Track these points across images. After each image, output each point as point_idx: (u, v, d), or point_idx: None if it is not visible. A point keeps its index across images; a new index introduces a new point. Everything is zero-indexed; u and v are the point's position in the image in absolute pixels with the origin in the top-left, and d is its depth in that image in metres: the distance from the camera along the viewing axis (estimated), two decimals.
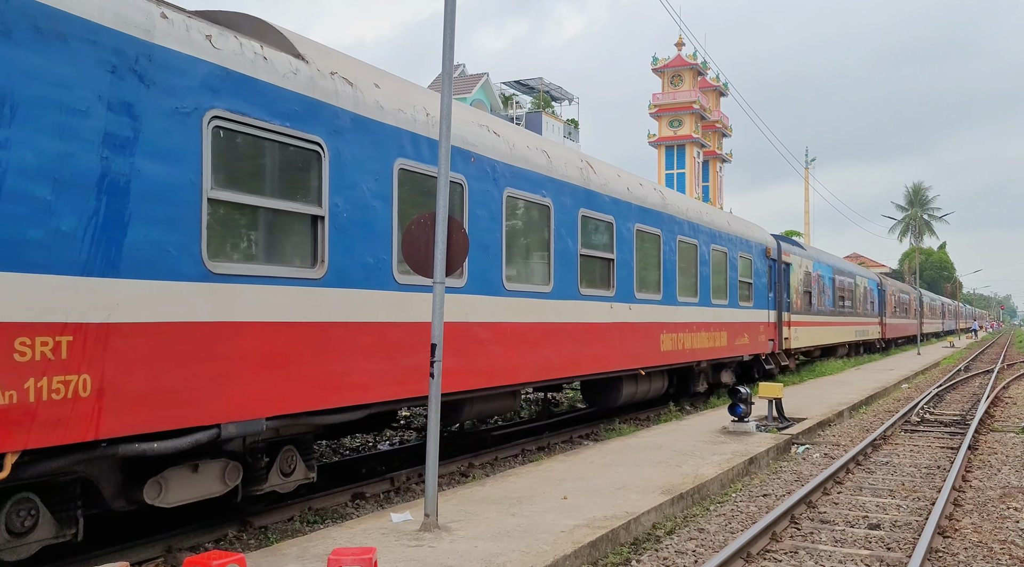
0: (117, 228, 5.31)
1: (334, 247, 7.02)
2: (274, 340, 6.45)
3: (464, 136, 8.94)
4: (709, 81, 71.30)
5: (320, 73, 7.09)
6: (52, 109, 4.95)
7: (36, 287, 4.84)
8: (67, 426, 4.98)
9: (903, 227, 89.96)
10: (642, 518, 7.20)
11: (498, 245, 9.39)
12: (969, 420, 14.58)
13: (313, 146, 6.87)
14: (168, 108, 5.68)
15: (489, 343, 9.25)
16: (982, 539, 7.10)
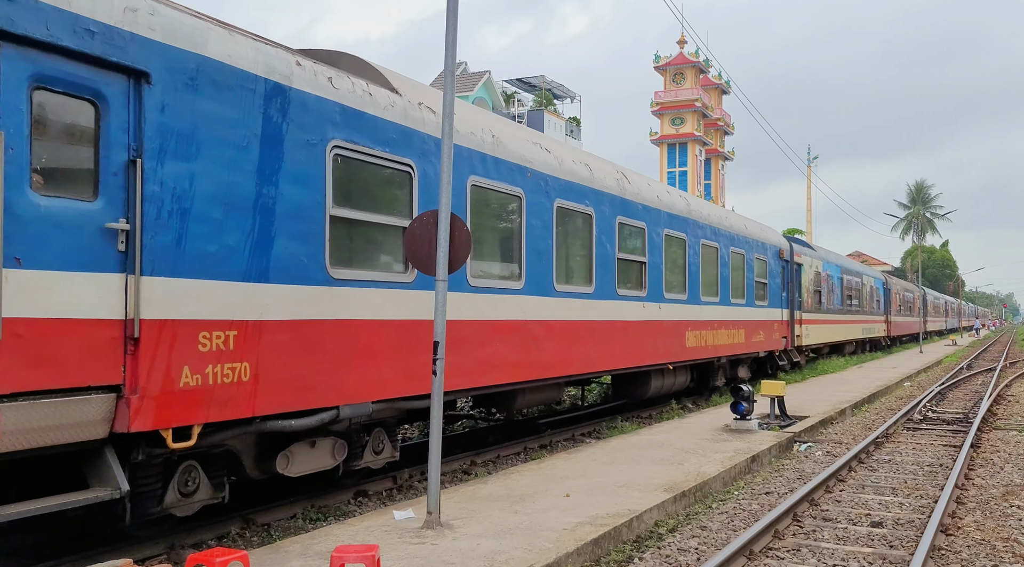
0: (266, 242, 6.50)
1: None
2: (377, 335, 7.59)
3: (522, 153, 10.00)
4: (711, 79, 71.23)
5: (411, 104, 8.24)
6: (223, 146, 6.11)
7: (213, 291, 6.02)
8: (234, 404, 6.15)
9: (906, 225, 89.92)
10: (644, 516, 7.20)
11: (550, 251, 10.48)
12: (972, 418, 14.56)
13: (405, 167, 7.99)
14: (302, 140, 6.84)
15: (542, 339, 10.27)
16: (985, 537, 7.09)
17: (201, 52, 6.02)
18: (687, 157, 68.37)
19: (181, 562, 6.11)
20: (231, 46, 6.30)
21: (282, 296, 6.60)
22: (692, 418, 14.00)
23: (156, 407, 5.62)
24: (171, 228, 5.75)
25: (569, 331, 10.87)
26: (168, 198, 5.75)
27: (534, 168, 10.22)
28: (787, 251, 21.60)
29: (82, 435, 5.24)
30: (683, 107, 68.24)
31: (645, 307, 13.12)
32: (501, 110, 55.13)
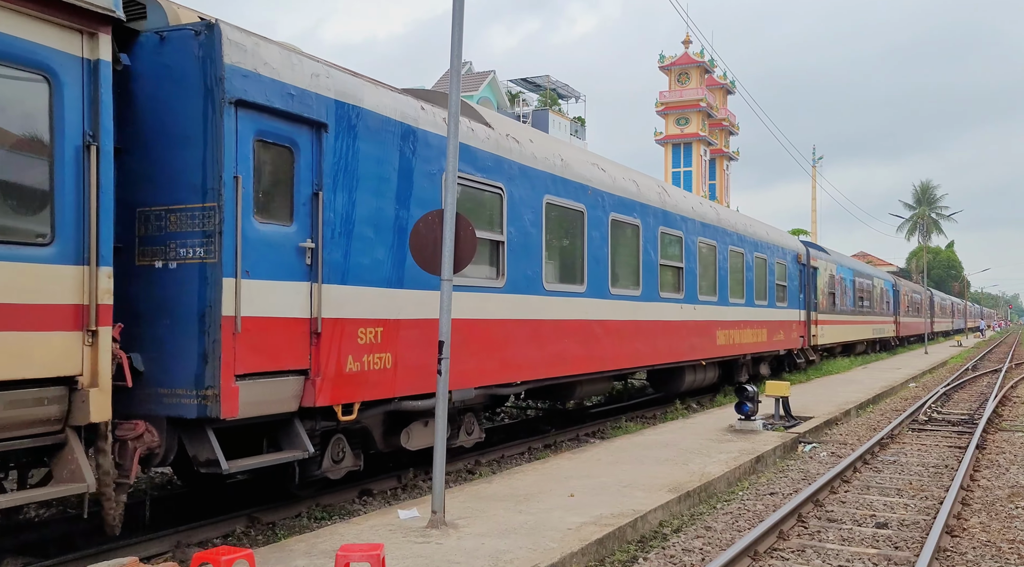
0: (402, 255, 7.89)
1: (510, 264, 9.55)
2: (478, 332, 8.96)
3: (583, 173, 11.32)
4: (716, 79, 71.16)
5: (501, 136, 9.64)
6: (373, 178, 7.55)
7: (367, 295, 7.47)
8: (381, 387, 7.62)
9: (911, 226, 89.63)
10: (649, 516, 7.20)
11: (606, 258, 11.77)
12: (977, 419, 14.53)
13: (497, 190, 9.35)
14: (425, 171, 8.26)
15: (600, 337, 11.57)
16: (991, 538, 7.08)
17: (359, 105, 7.47)
18: (692, 157, 68.32)
19: (187, 560, 6.12)
20: (378, 97, 7.75)
21: (412, 299, 8.05)
22: (696, 418, 13.99)
23: (331, 387, 7.04)
24: (340, 246, 7.20)
25: (621, 329, 12.20)
26: (338, 222, 7.19)
27: (593, 186, 11.54)
28: (804, 255, 22.81)
29: (283, 408, 6.73)
30: (688, 107, 68.20)
31: (683, 308, 14.46)
32: (505, 110, 55.12)
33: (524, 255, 9.84)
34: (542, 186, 10.25)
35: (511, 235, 9.57)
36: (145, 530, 6.94)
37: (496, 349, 9.31)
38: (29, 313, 5.05)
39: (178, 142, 6.29)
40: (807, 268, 23.03)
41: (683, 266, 14.51)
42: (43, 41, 5.13)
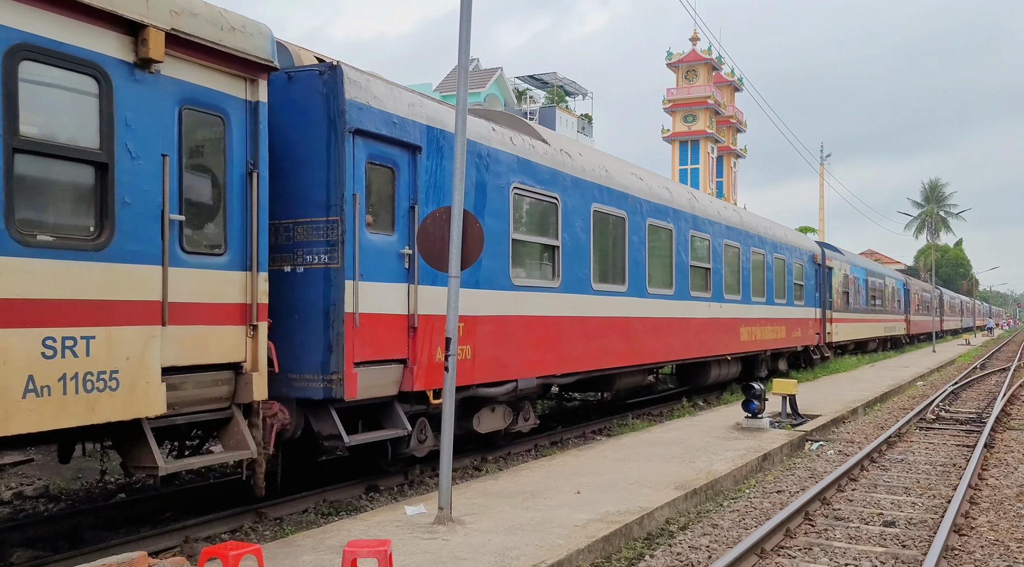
0: (499, 259, 9.29)
1: (564, 266, 10.64)
2: (538, 327, 10.09)
3: (624, 183, 12.41)
4: (724, 76, 70.96)
5: (556, 151, 10.79)
6: (472, 189, 8.81)
7: (466, 295, 8.31)
8: (463, 375, 8.60)
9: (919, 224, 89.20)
10: (655, 513, 7.20)
11: (644, 260, 12.80)
12: (985, 418, 14.47)
13: (552, 200, 10.47)
14: (496, 185, 9.32)
15: (639, 332, 12.66)
16: (999, 537, 7.05)
17: (444, 128, 8.47)
18: (699, 154, 68.17)
19: (195, 555, 6.15)
20: (474, 123, 8.94)
21: (487, 298, 9.17)
22: (703, 416, 13.97)
23: (424, 375, 8.15)
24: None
25: (657, 326, 13.32)
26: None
27: (632, 194, 12.60)
28: (819, 256, 23.77)
29: (387, 392, 7.87)
30: (695, 104, 68.03)
31: (710, 306, 15.51)
32: (512, 107, 55.07)
33: (576, 258, 10.97)
34: (590, 195, 11.34)
35: (565, 240, 10.71)
36: (154, 525, 6.97)
37: (553, 343, 10.47)
38: (209, 311, 6.20)
39: (304, 165, 7.36)
40: (823, 268, 23.90)
41: (710, 267, 15.55)
42: (220, 88, 6.35)
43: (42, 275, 5.02)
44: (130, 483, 9.17)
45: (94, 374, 5.28)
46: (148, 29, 5.60)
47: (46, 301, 5.04)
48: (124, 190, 5.53)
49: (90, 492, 8.81)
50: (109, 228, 5.43)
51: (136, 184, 5.60)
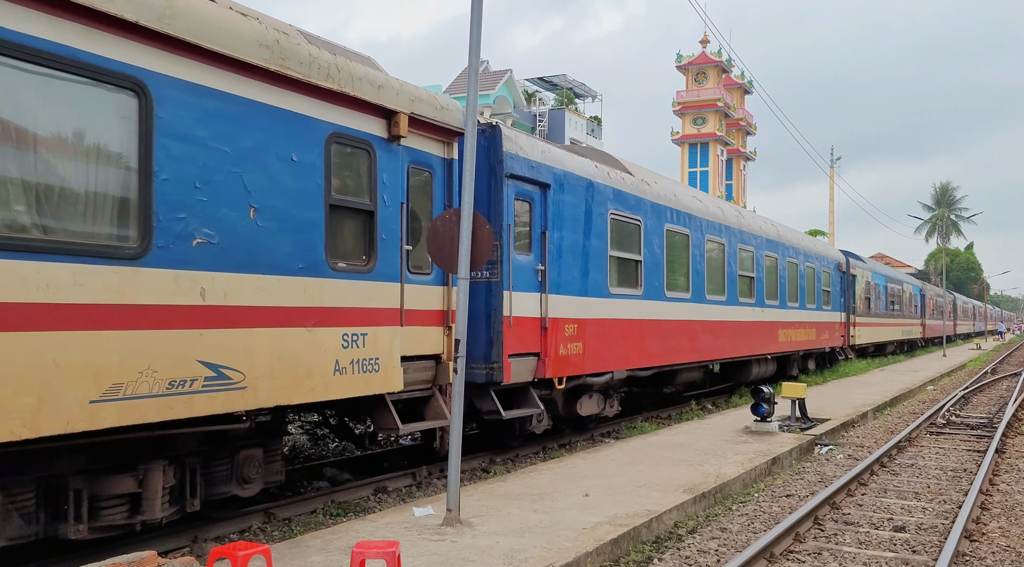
0: (585, 273, 11.14)
1: (645, 277, 12.76)
2: (627, 328, 12.17)
3: (688, 204, 14.59)
4: (734, 78, 70.79)
5: (639, 180, 12.98)
6: (570, 219, 10.77)
7: (569, 301, 10.65)
8: (576, 366, 10.77)
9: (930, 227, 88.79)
10: (664, 516, 7.18)
11: (703, 271, 14.95)
12: (996, 423, 14.38)
13: (637, 222, 12.59)
14: (598, 212, 11.49)
15: (700, 333, 14.66)
16: (1010, 543, 7.00)
17: (564, 168, 10.74)
18: (708, 157, 68.02)
19: (204, 555, 6.17)
20: (574, 163, 11.10)
21: (593, 304, 11.23)
22: (712, 419, 13.93)
23: (552, 365, 10.19)
24: (556, 267, 10.43)
25: (712, 328, 15.31)
26: (554, 251, 10.43)
27: (694, 214, 14.69)
28: (844, 264, 25.82)
29: (526, 378, 9.97)
30: (705, 107, 67.90)
31: (754, 311, 17.49)
32: (522, 109, 55.05)
33: (653, 270, 13.02)
34: (663, 217, 13.48)
35: (645, 255, 12.78)
36: (163, 525, 6.99)
37: (637, 342, 12.45)
38: (423, 316, 8.21)
39: (475, 202, 8.23)
40: (847, 275, 25.92)
41: (754, 275, 17.60)
42: (431, 150, 8.48)
43: (341, 291, 7.14)
44: None
45: (368, 360, 7.41)
46: (398, 114, 7.73)
47: (343, 309, 7.17)
48: (382, 230, 7.63)
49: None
50: (374, 257, 7.56)
51: (388, 225, 7.71)
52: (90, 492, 5.75)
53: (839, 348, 25.37)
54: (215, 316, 5.98)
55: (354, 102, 7.31)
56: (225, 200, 6.08)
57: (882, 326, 31.98)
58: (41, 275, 4.92)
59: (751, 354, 17.41)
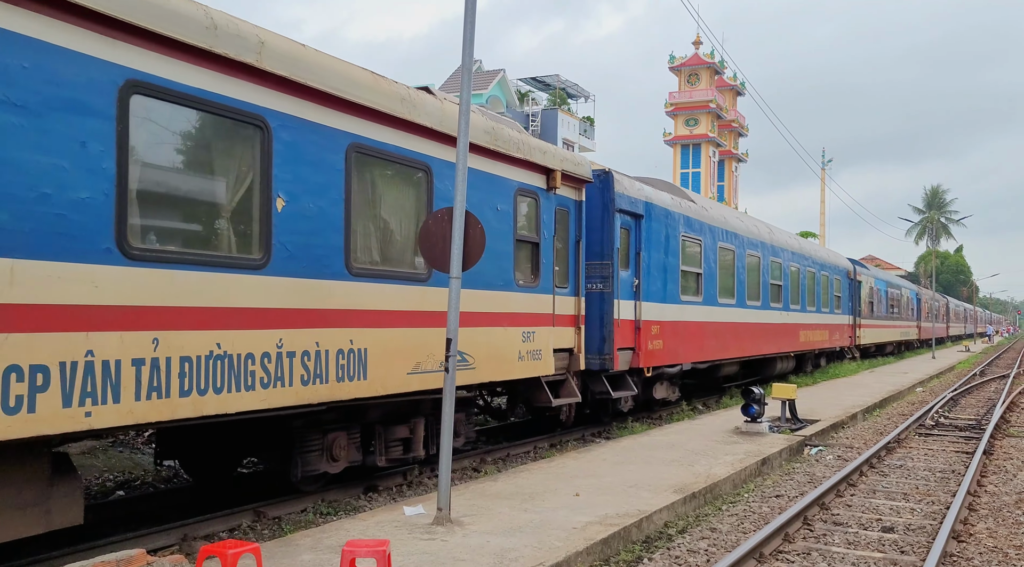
0: (664, 284, 13.70)
1: (704, 286, 15.61)
2: (691, 328, 14.85)
3: (734, 224, 17.71)
4: (726, 80, 70.94)
5: (699, 207, 15.91)
6: (657, 242, 13.44)
7: (654, 307, 13.27)
8: (658, 359, 13.36)
9: (920, 229, 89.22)
10: (654, 516, 7.20)
11: (744, 280, 17.73)
12: (984, 425, 14.46)
13: (698, 241, 15.35)
14: (674, 235, 14.17)
15: (741, 333, 17.59)
16: (997, 544, 7.05)
17: (651, 201, 13.46)
18: (700, 158, 68.15)
19: (193, 553, 6.15)
20: (657, 196, 13.75)
21: (669, 309, 13.96)
22: (703, 419, 13.97)
23: (644, 358, 12.85)
24: (646, 280, 13.08)
25: (751, 329, 18.07)
26: (645, 268, 13.09)
27: (738, 232, 17.59)
28: (852, 271, 28.83)
29: (625, 367, 12.58)
30: (697, 108, 68.00)
31: (781, 314, 20.30)
32: (515, 109, 55.03)
33: (710, 280, 15.90)
34: (717, 236, 16.32)
35: (704, 268, 15.66)
36: (153, 523, 6.97)
37: (698, 339, 15.14)
38: (564, 319, 11.12)
39: (593, 231, 12.15)
40: (854, 281, 28.80)
41: (781, 283, 20.29)
42: (568, 195, 11.37)
43: (521, 301, 10.06)
44: (128, 481, 9.17)
45: (535, 351, 10.32)
46: (555, 172, 10.74)
47: (522, 314, 10.08)
48: (543, 256, 10.56)
49: (88, 489, 8.81)
50: (538, 276, 10.50)
51: (546, 252, 10.63)
52: (384, 436, 8.44)
53: (847, 347, 28.33)
54: (465, 319, 8.41)
55: (530, 165, 10.31)
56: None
57: (884, 328, 34.77)
58: (407, 294, 8.15)
59: (778, 352, 20.22)
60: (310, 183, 7.01)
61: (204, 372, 6.00)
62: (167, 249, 5.91)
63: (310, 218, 7.01)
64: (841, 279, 26.88)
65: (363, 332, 7.51)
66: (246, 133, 6.56)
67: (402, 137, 8.04)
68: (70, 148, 5.22)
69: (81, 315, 5.20)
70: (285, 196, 6.75)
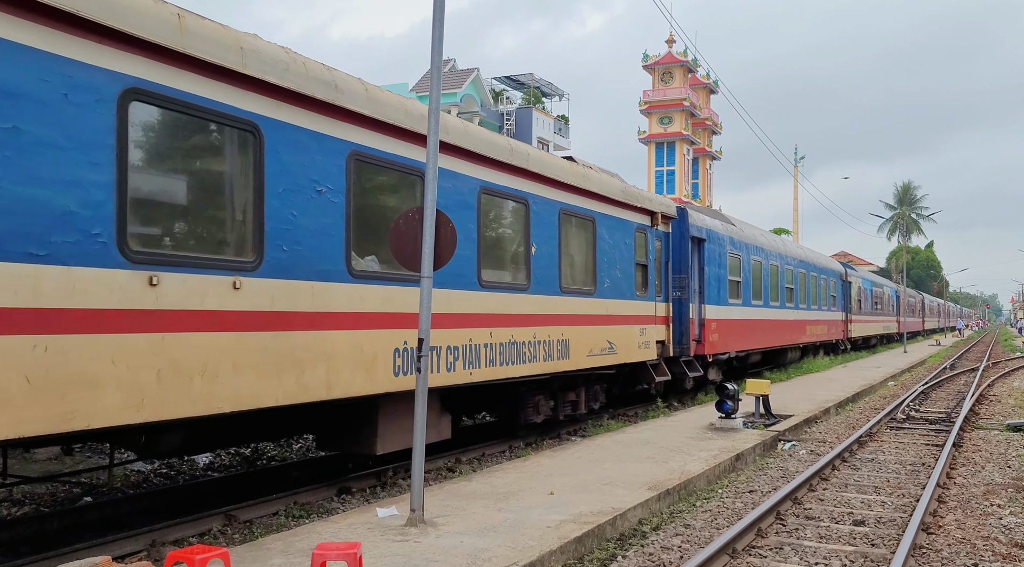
0: (717, 290, 17.60)
1: (743, 291, 19.41)
2: (734, 324, 18.62)
3: (760, 240, 21.81)
4: (699, 78, 71.37)
5: (739, 229, 19.88)
6: (716, 258, 17.67)
7: (712, 309, 17.15)
8: (715, 348, 17.20)
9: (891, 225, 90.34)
10: (628, 514, 7.20)
11: (767, 285, 21.78)
12: (954, 418, 14.66)
13: (739, 256, 19.16)
14: (722, 252, 18.08)
15: (768, 328, 21.76)
16: (965, 535, 7.13)
17: (708, 228, 17.05)
18: (675, 156, 68.52)
19: (161, 559, 6.05)
20: (712, 223, 17.61)
21: (721, 309, 17.49)
22: (677, 416, 14.03)
23: (707, 347, 16.58)
24: (707, 288, 16.71)
25: (773, 324, 22.37)
26: (706, 279, 16.71)
27: (763, 247, 21.88)
28: (844, 274, 33.40)
29: (690, 356, 16.15)
30: (671, 106, 68.35)
31: (793, 312, 24.66)
32: (489, 107, 54.93)
33: (746, 286, 19.85)
34: (750, 251, 20.37)
35: (743, 277, 19.55)
36: (119, 528, 6.86)
37: (739, 333, 18.98)
38: (659, 319, 14.66)
39: (676, 252, 15.69)
40: (845, 282, 33.38)
41: (793, 287, 24.73)
42: (661, 228, 14.90)
43: (638, 307, 13.69)
44: (95, 486, 9.03)
45: (645, 342, 13.85)
46: (657, 214, 14.51)
47: (638, 315, 13.65)
48: (650, 274, 14.18)
49: (55, 496, 8.66)
50: (647, 289, 14.01)
51: (651, 271, 14.23)
52: (561, 398, 12.12)
53: (841, 340, 33.03)
54: (612, 320, 12.74)
55: (642, 210, 14.11)
56: (616, 266, 12.98)
57: (869, 322, 39.57)
58: (586, 304, 12.09)
59: (791, 343, 24.74)
60: (545, 236, 10.97)
61: (507, 351, 9.97)
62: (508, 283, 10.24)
63: (552, 257, 11.14)
64: (836, 281, 31.59)
65: (569, 329, 11.49)
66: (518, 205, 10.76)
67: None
68: None
69: (467, 320, 9.23)
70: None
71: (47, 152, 5.09)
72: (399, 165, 8.14)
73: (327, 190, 7.19)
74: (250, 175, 6.50)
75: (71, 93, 5.23)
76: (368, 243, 7.79)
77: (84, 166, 5.27)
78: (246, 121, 6.45)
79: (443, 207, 7.73)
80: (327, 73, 7.30)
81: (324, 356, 7.05)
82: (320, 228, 7.11)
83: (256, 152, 6.53)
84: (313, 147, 7.10)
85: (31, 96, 5.01)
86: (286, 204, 6.76)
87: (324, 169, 7.19)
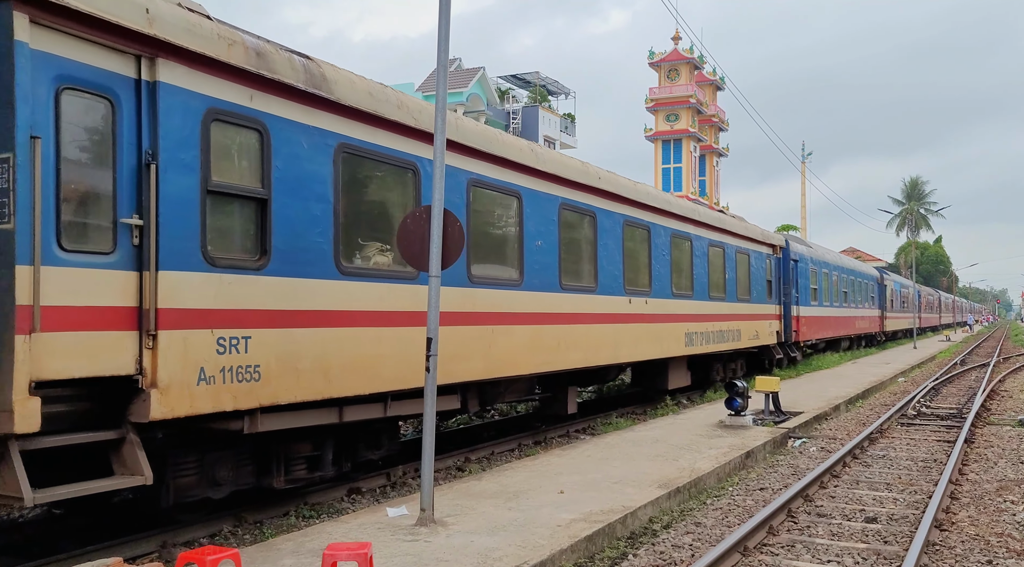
0: (806, 295, 24.69)
1: (819, 295, 26.53)
2: (816, 319, 25.92)
3: (825, 257, 28.67)
4: (706, 75, 71.15)
5: (813, 249, 27.60)
6: (802, 272, 24.41)
7: (802, 308, 24.18)
8: (801, 336, 24.11)
9: (900, 221, 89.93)
10: (639, 512, 7.18)
11: (831, 290, 27.99)
12: (965, 413, 14.58)
13: (815, 269, 26.08)
14: (806, 267, 24.83)
15: (833, 322, 28.48)
16: (979, 532, 7.09)
17: (799, 251, 24.21)
18: (681, 153, 68.32)
19: (172, 560, 6.06)
20: (801, 248, 24.93)
21: (807, 309, 24.45)
22: (687, 414, 13.99)
23: (800, 335, 23.71)
24: (799, 294, 23.53)
25: (837, 319, 28.93)
26: (799, 288, 23.55)
27: (827, 260, 27.64)
28: (880, 278, 39.10)
29: (777, 341, 21.83)
30: (677, 103, 68.13)
31: (847, 310, 30.55)
32: (495, 106, 54.91)
33: (819, 292, 25.40)
34: (821, 264, 26.06)
35: (817, 284, 25.15)
36: (131, 530, 6.87)
37: (816, 326, 24.53)
38: (775, 316, 21.50)
39: (782, 272, 22.26)
40: (881, 285, 39.55)
41: (847, 290, 30.78)
42: (772, 253, 21.91)
43: (767, 308, 20.65)
44: None
45: (770, 332, 20.44)
46: (777, 246, 21.72)
47: (767, 314, 20.49)
48: (773, 286, 21.19)
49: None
50: (771, 295, 21.11)
51: (774, 284, 21.44)
52: (728, 366, 19.03)
53: (878, 332, 39.11)
54: (748, 318, 18.74)
55: (768, 244, 20.38)
56: (758, 282, 19.66)
57: (898, 318, 46.41)
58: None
59: (845, 334, 30.97)
60: (730, 266, 16.98)
61: (711, 337, 16.39)
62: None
63: (732, 279, 17.62)
64: (874, 284, 38.14)
65: (738, 322, 17.49)
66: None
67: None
68: None
69: (706, 318, 16.12)
70: (738, 272, 17.93)
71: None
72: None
73: None
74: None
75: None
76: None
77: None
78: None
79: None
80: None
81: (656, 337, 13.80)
82: None
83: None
84: None
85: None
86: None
87: None
